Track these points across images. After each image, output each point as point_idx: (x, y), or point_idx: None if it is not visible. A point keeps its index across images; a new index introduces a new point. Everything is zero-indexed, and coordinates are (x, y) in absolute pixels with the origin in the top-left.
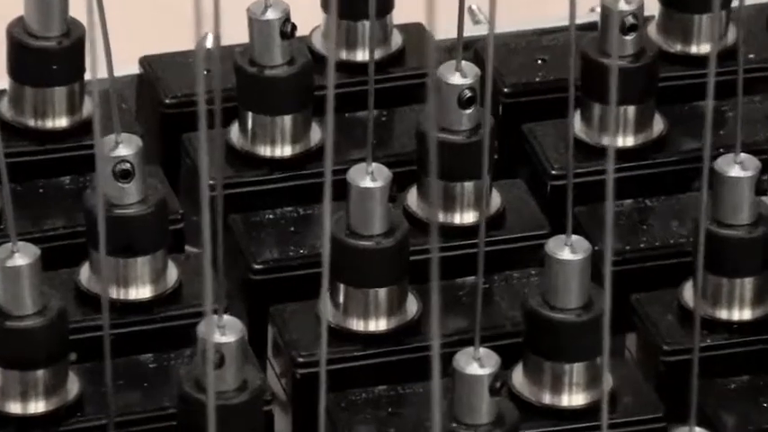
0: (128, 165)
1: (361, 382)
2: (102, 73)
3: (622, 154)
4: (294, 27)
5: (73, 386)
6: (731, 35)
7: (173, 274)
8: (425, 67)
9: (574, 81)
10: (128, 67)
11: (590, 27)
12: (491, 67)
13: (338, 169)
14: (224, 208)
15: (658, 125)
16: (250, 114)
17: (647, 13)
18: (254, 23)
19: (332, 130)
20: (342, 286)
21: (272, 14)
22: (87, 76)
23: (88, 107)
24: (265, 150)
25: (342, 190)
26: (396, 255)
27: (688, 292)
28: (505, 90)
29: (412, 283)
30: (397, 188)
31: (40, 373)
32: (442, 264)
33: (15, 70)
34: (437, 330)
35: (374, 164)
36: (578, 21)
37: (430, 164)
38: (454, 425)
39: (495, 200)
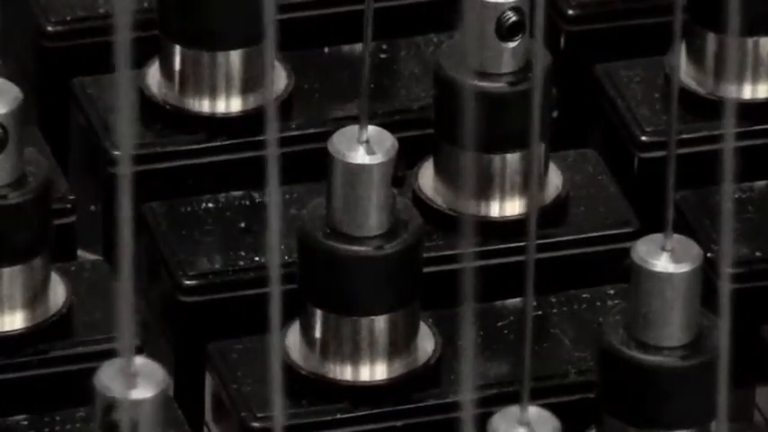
0: None
1: None
2: None
3: (750, 110)
4: None
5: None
6: None
7: (58, 293)
8: None
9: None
10: None
11: None
12: None
13: (314, 134)
14: (138, 192)
15: None
16: (178, 49)
17: None
18: None
19: (271, 62)
20: (319, 313)
21: None
22: None
23: None
24: (202, 104)
25: (320, 166)
26: (402, 265)
27: None
28: (570, 12)
29: (427, 309)
30: (405, 164)
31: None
32: (474, 278)
33: None
34: (469, 380)
35: (370, 126)
36: None
37: (455, 126)
38: None
39: (554, 180)
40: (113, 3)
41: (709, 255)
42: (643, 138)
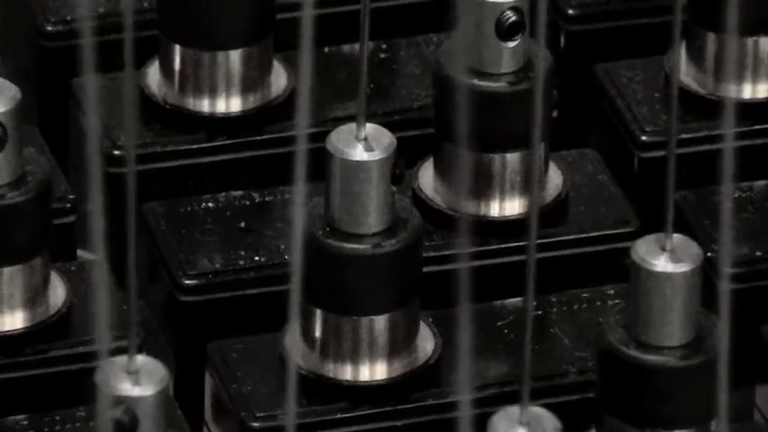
0: None
1: None
2: None
3: (751, 110)
4: None
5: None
6: None
7: (58, 293)
8: None
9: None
10: None
11: None
12: None
13: (313, 134)
14: (139, 192)
15: None
16: (178, 48)
17: None
18: None
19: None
20: (319, 313)
21: None
22: None
23: None
24: (202, 104)
25: (318, 165)
26: (402, 264)
27: None
28: (570, 12)
29: (426, 308)
30: (404, 162)
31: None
32: (474, 278)
33: None
34: (467, 380)
35: (369, 125)
36: None
37: (455, 125)
38: None
39: (554, 180)
40: (121, 2)
41: (709, 254)
42: (643, 138)
